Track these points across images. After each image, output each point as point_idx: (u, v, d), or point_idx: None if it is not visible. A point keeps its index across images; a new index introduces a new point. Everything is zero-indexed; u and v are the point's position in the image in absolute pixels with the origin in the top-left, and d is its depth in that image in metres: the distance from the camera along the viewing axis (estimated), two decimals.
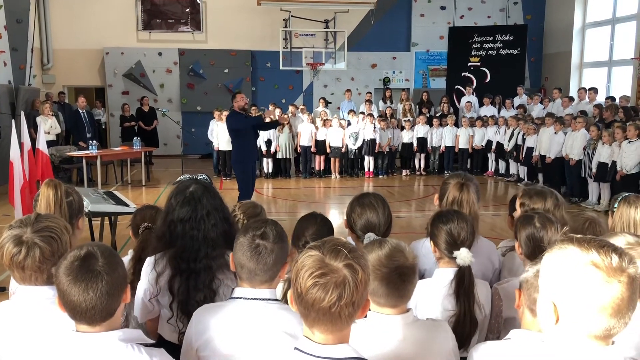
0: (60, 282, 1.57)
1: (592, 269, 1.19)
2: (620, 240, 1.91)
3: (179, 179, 2.46)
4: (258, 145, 11.97)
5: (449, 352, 1.91)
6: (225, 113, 10.82)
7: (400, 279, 1.79)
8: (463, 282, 2.20)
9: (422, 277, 2.55)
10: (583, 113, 10.60)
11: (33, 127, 10.02)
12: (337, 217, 8.97)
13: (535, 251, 2.32)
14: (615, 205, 2.55)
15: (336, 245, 1.42)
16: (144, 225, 2.78)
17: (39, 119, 10.65)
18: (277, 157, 12.26)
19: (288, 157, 12.30)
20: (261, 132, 11.61)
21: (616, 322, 1.20)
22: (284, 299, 1.99)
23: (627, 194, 2.60)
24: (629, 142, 8.44)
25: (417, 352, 1.83)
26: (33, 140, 7.25)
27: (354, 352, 1.44)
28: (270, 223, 1.93)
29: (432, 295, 2.27)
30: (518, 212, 2.83)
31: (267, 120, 9.84)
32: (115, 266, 1.61)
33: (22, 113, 8.81)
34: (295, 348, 1.47)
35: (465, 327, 2.17)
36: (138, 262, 2.52)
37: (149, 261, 2.32)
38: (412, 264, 1.84)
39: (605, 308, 1.18)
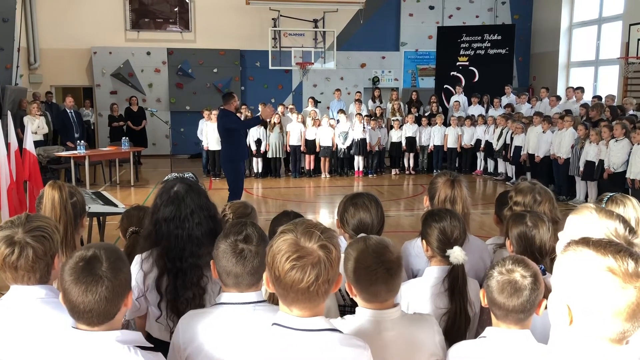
0: (64, 279, 1.58)
1: (608, 275, 1.20)
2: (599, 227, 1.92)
3: (166, 177, 2.45)
4: (248, 145, 11.97)
5: (436, 345, 1.93)
6: (215, 112, 10.79)
7: (387, 274, 1.81)
8: (457, 281, 2.21)
9: (415, 277, 2.56)
10: (568, 112, 10.69)
11: (20, 127, 9.94)
12: (327, 216, 8.98)
13: (526, 249, 2.35)
14: (603, 206, 2.57)
15: (309, 227, 1.49)
16: (131, 230, 2.77)
17: (26, 119, 10.55)
18: (267, 156, 12.24)
19: (278, 156, 12.29)
20: (251, 131, 11.61)
21: (630, 326, 1.21)
22: (270, 300, 1.99)
23: (611, 194, 2.62)
24: (616, 140, 8.53)
25: (405, 346, 1.85)
26: (20, 141, 7.18)
27: (329, 324, 1.54)
28: (250, 225, 1.90)
29: (424, 293, 2.28)
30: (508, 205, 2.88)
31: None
32: (119, 272, 1.61)
33: (9, 113, 8.72)
34: (274, 323, 1.53)
35: (460, 324, 2.19)
36: None
37: (135, 260, 2.32)
38: (398, 257, 1.86)
39: (621, 313, 1.19)
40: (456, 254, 2.21)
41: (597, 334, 1.24)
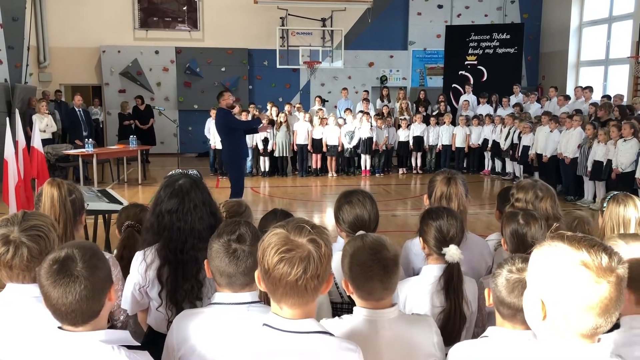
0: (42, 284, 1.57)
1: (582, 269, 1.19)
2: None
3: (170, 173, 2.46)
4: (255, 144, 11.99)
5: (434, 345, 1.92)
6: None
7: (383, 272, 1.80)
8: (452, 279, 2.20)
9: (416, 275, 2.55)
10: (578, 112, 10.62)
11: (29, 126, 10.01)
12: (333, 215, 8.98)
13: (519, 247, 2.34)
14: (605, 205, 2.56)
15: (299, 222, 1.50)
16: (127, 224, 2.78)
17: (34, 117, 10.64)
18: (274, 155, 12.25)
19: (285, 155, 12.30)
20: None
21: (603, 321, 1.20)
22: (264, 300, 1.98)
23: (615, 192, 2.60)
24: (624, 140, 8.46)
25: (402, 346, 1.84)
26: (29, 139, 7.24)
27: (319, 327, 1.53)
28: (244, 224, 1.89)
29: (421, 291, 2.27)
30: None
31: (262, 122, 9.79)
32: (95, 269, 1.59)
33: (17, 111, 8.79)
34: (264, 324, 1.53)
35: (455, 323, 2.18)
36: (121, 260, 2.53)
37: (138, 253, 2.35)
38: (395, 256, 1.85)
39: (593, 307, 1.18)
40: (452, 252, 2.20)
41: (569, 329, 1.23)
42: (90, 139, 10.89)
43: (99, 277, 1.59)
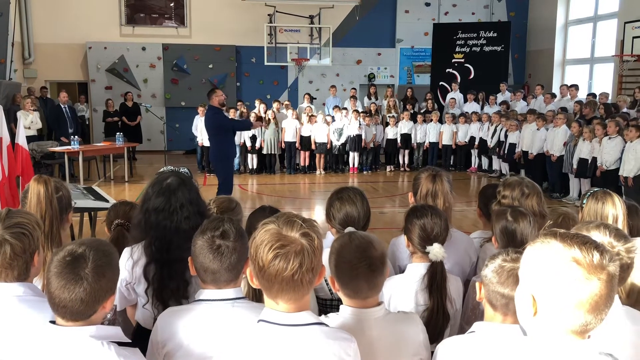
0: (49, 269, 1.58)
1: (573, 265, 1.20)
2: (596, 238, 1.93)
3: (161, 169, 2.45)
4: (243, 141, 11.95)
5: (419, 344, 1.92)
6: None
7: (369, 270, 1.80)
8: (435, 277, 2.21)
9: (403, 272, 2.56)
10: (564, 109, 10.71)
11: (14, 122, 9.90)
12: (321, 212, 8.99)
13: (509, 244, 2.35)
14: (584, 202, 2.59)
15: (290, 217, 1.51)
16: (117, 222, 2.76)
17: (19, 114, 10.51)
18: (262, 152, 12.23)
19: (273, 152, 12.28)
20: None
21: (593, 319, 1.21)
22: (250, 297, 1.98)
23: (595, 189, 2.63)
24: (609, 138, 8.55)
25: (388, 345, 1.84)
26: (14, 136, 7.15)
27: (315, 318, 1.55)
28: (227, 220, 1.89)
29: (405, 290, 2.28)
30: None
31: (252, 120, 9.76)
32: (101, 276, 1.59)
33: (1, 107, 8.68)
34: (260, 320, 1.53)
35: (438, 321, 2.19)
36: None
37: (126, 250, 2.35)
38: (382, 255, 1.85)
39: (583, 304, 1.19)
40: (435, 250, 2.21)
41: (559, 326, 1.24)
42: (76, 136, 10.79)
43: (100, 286, 1.59)
